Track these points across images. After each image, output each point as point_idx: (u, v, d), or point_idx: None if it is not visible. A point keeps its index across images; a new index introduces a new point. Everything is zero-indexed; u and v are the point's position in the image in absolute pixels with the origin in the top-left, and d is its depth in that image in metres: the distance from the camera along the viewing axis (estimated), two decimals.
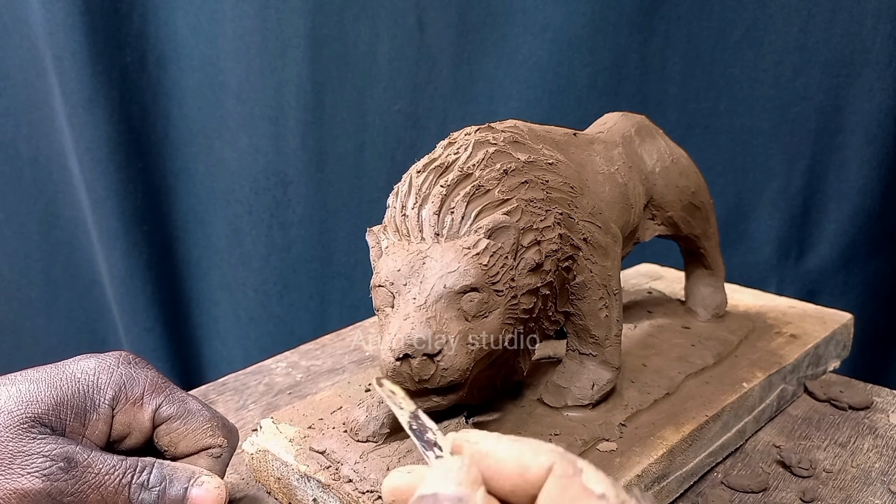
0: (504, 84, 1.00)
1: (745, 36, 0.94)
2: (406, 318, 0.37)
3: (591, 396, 0.48)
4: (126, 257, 1.08)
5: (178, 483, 0.36)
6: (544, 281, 0.41)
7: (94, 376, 0.36)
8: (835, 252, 0.99)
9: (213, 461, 0.39)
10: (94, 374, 0.36)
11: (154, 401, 0.37)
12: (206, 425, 0.38)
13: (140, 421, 0.37)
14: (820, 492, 0.48)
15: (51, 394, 0.35)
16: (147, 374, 0.38)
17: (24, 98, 1.07)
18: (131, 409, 0.37)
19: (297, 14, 0.99)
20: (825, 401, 0.60)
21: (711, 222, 0.61)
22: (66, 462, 0.33)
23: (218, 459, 0.39)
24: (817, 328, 0.64)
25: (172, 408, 0.38)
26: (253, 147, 1.06)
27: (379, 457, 0.43)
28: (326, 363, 0.67)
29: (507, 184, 0.41)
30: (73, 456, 0.33)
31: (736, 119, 0.98)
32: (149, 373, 0.38)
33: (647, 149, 0.57)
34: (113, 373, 0.37)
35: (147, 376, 0.38)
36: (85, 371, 0.37)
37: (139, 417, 0.37)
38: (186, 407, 0.38)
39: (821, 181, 0.98)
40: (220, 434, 0.39)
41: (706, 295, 0.64)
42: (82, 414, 0.35)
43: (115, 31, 1.00)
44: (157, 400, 0.37)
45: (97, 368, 0.37)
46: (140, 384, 0.37)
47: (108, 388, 0.36)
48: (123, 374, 0.37)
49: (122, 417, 0.37)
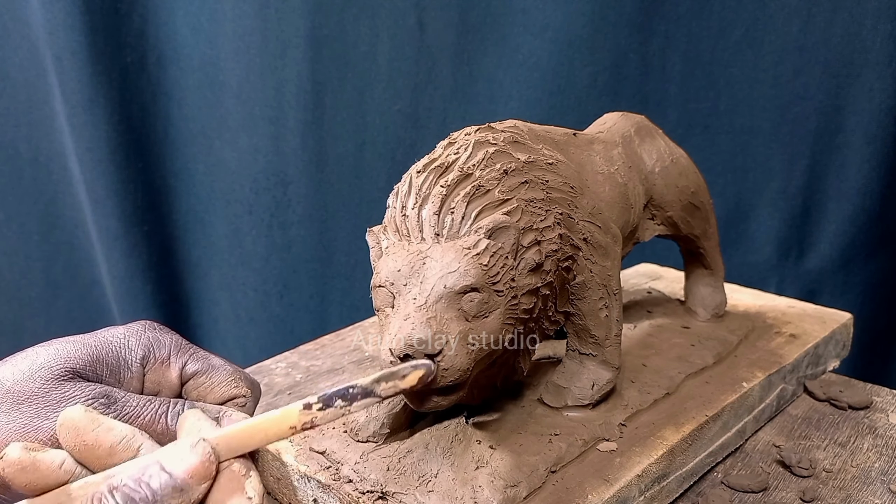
0: (504, 84, 1.00)
1: (744, 36, 0.94)
2: (406, 318, 0.36)
3: (591, 396, 0.48)
4: (126, 257, 1.08)
5: (209, 414, 0.38)
6: (544, 281, 0.41)
7: (125, 339, 0.39)
8: (835, 252, 0.99)
9: (239, 411, 0.42)
10: (123, 337, 0.39)
11: (180, 359, 0.40)
12: (230, 378, 0.41)
13: (169, 379, 0.39)
14: (820, 491, 0.48)
15: (87, 352, 0.37)
16: (171, 337, 0.41)
17: (24, 98, 1.07)
18: (160, 368, 0.39)
19: (297, 14, 0.99)
20: (825, 400, 0.60)
21: (711, 222, 0.61)
22: (106, 398, 0.35)
23: (243, 408, 0.42)
24: (817, 328, 0.64)
25: (197, 364, 0.40)
26: (253, 147, 1.06)
27: (379, 457, 0.43)
28: (326, 363, 0.67)
29: (508, 184, 0.41)
30: (112, 394, 0.36)
31: (736, 119, 0.98)
32: (173, 336, 0.41)
33: (646, 149, 0.57)
34: (141, 336, 0.39)
35: (171, 339, 0.40)
36: (115, 335, 0.39)
37: (168, 375, 0.39)
38: (210, 362, 0.41)
39: (821, 181, 0.97)
40: (244, 385, 0.41)
41: (706, 295, 0.64)
42: (116, 371, 0.38)
43: (115, 31, 1.00)
44: (183, 358, 0.40)
45: (126, 333, 0.39)
46: (166, 345, 0.40)
47: (139, 348, 0.39)
48: (150, 337, 0.40)
49: (151, 376, 0.39)
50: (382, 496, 0.40)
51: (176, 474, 0.34)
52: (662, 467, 0.45)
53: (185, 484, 0.34)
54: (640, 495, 0.44)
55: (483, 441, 0.43)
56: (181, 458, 0.34)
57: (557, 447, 0.43)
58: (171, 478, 0.34)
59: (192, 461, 0.34)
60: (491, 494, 0.39)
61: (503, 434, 0.45)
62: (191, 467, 0.34)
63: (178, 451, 0.35)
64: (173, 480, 0.34)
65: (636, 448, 0.45)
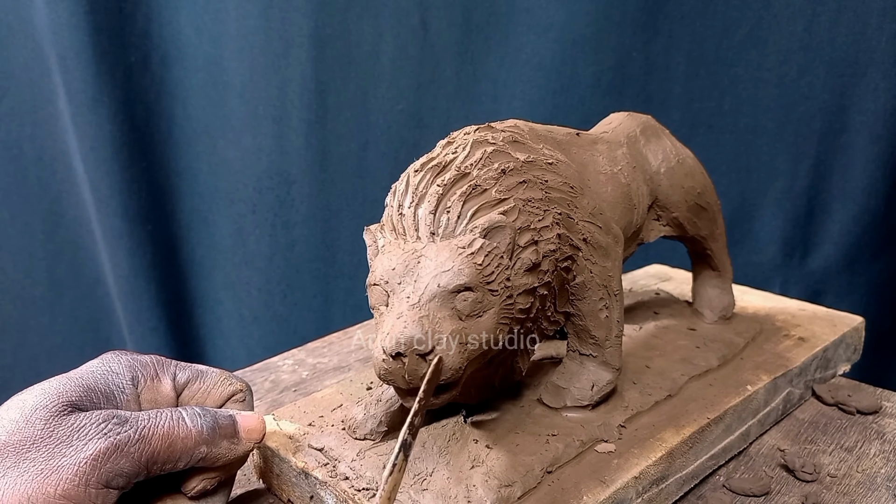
0: (507, 83, 1.00)
1: (749, 35, 0.94)
2: (399, 316, 0.36)
3: (590, 397, 0.47)
4: (130, 256, 1.08)
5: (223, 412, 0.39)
6: (542, 281, 0.41)
7: (106, 367, 0.38)
8: (839, 252, 0.98)
9: (241, 406, 0.42)
10: (104, 365, 0.38)
11: (168, 372, 0.39)
12: (222, 377, 0.41)
13: (164, 393, 0.39)
14: (823, 496, 0.47)
15: (78, 384, 0.36)
16: (149, 357, 0.40)
17: (29, 98, 1.07)
18: (153, 385, 0.38)
19: (300, 13, 0.99)
20: (833, 405, 0.59)
21: (718, 223, 0.61)
22: (117, 419, 0.34)
23: (244, 403, 0.42)
24: (826, 331, 0.63)
25: (186, 373, 0.40)
26: (256, 146, 1.06)
27: (375, 455, 0.43)
28: (333, 361, 0.67)
29: (505, 183, 0.40)
30: (119, 413, 0.35)
31: (740, 119, 0.98)
32: (149, 356, 0.40)
33: (652, 149, 0.56)
34: (121, 361, 0.39)
35: (150, 358, 0.40)
36: (95, 366, 0.38)
37: (162, 390, 0.39)
38: (197, 368, 0.41)
39: (825, 181, 0.97)
40: (237, 381, 0.42)
41: (713, 297, 0.63)
42: (111, 397, 0.36)
43: (119, 30, 1.00)
44: (170, 371, 0.40)
45: (104, 361, 0.38)
46: (149, 364, 0.39)
47: (125, 371, 0.38)
48: (130, 360, 0.39)
49: (147, 395, 0.38)
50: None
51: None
52: (661, 469, 0.45)
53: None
54: (638, 497, 0.43)
55: (480, 440, 0.43)
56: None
57: (554, 447, 0.43)
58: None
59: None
60: (485, 494, 0.39)
61: (500, 434, 0.44)
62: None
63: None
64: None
65: (635, 449, 0.45)
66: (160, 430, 0.35)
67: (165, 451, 0.35)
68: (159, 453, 0.35)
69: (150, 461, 0.35)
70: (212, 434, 0.37)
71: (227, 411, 0.39)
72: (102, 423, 0.34)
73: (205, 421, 0.37)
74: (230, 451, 0.39)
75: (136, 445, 0.34)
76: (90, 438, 0.33)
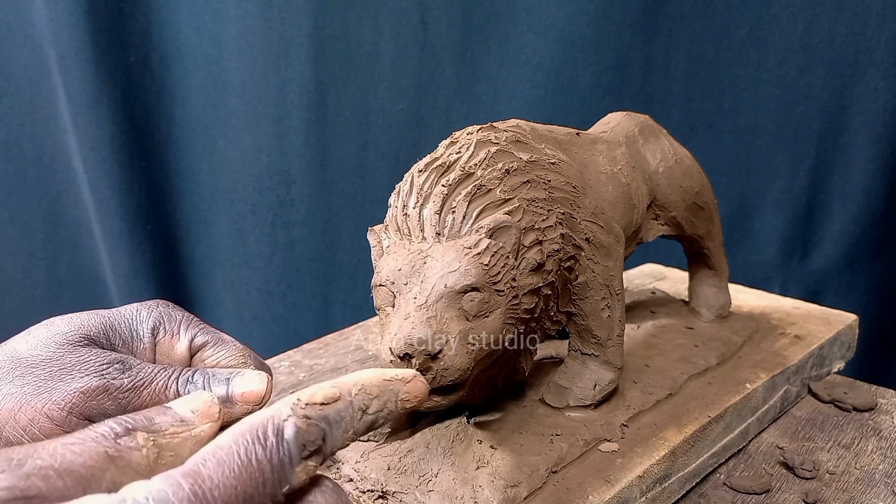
0: (507, 83, 1.00)
1: (749, 35, 0.94)
2: (406, 317, 0.36)
3: (592, 397, 0.47)
4: (129, 256, 1.08)
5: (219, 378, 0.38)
6: (546, 281, 0.41)
7: (137, 312, 0.40)
8: (839, 252, 0.98)
9: None
10: (136, 311, 0.40)
11: (190, 332, 0.40)
12: (240, 353, 0.40)
13: (178, 352, 0.40)
14: (823, 493, 0.47)
15: (101, 321, 0.38)
16: (183, 314, 0.41)
17: (28, 97, 1.07)
18: (170, 341, 0.40)
19: (300, 13, 0.99)
20: (829, 402, 0.59)
21: (715, 222, 0.61)
22: (121, 364, 0.36)
23: None
24: (822, 329, 0.63)
25: (206, 336, 0.40)
26: (256, 146, 1.06)
27: (380, 456, 0.43)
28: (329, 362, 0.67)
29: (509, 183, 0.40)
30: (126, 360, 0.36)
31: (740, 119, 0.98)
32: (185, 313, 0.41)
33: (650, 149, 0.57)
34: (152, 311, 0.40)
35: (183, 314, 0.41)
36: (128, 309, 0.40)
37: (177, 348, 0.40)
38: (220, 336, 0.41)
39: (825, 181, 0.97)
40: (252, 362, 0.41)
41: (710, 295, 0.64)
42: (129, 342, 0.38)
43: (118, 30, 1.00)
44: (193, 331, 0.40)
45: (138, 308, 0.40)
46: (176, 319, 0.40)
47: (149, 320, 0.39)
48: (162, 311, 0.40)
49: (161, 348, 0.39)
50: (383, 495, 0.40)
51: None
52: (664, 468, 0.45)
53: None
54: (642, 496, 0.43)
55: (484, 441, 0.43)
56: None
57: (558, 447, 0.43)
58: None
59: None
60: (491, 494, 0.39)
61: (504, 434, 0.44)
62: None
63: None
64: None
65: (638, 449, 0.45)
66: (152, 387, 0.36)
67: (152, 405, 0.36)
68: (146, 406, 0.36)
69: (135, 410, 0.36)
70: None
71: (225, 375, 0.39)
72: (105, 365, 0.36)
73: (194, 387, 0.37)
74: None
75: (125, 393, 0.36)
76: (87, 374, 0.35)
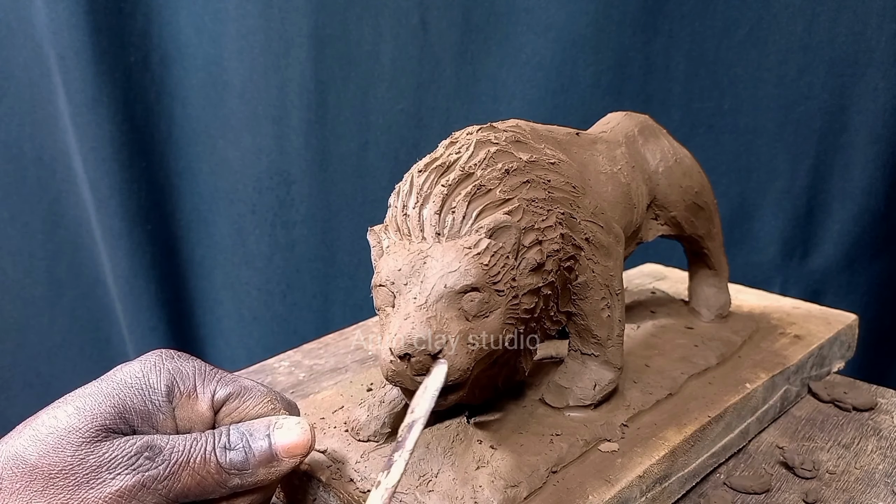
0: (507, 83, 1.00)
1: (749, 35, 0.94)
2: (406, 317, 0.36)
3: (592, 397, 0.47)
4: (129, 256, 1.08)
5: (258, 434, 0.35)
6: (546, 281, 0.41)
7: (144, 378, 0.35)
8: (839, 252, 0.98)
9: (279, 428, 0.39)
10: (142, 376, 0.35)
11: (208, 388, 0.36)
12: (266, 398, 0.37)
13: (199, 412, 0.36)
14: (823, 493, 0.47)
15: (111, 403, 0.33)
16: (193, 364, 0.37)
17: (28, 97, 1.07)
18: (188, 402, 0.36)
19: (300, 13, 0.99)
20: (829, 402, 0.59)
21: (715, 222, 0.61)
22: (149, 451, 0.33)
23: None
24: (822, 329, 0.63)
25: (227, 388, 0.37)
26: (256, 146, 1.06)
27: (380, 456, 0.43)
28: (329, 362, 0.67)
29: (509, 183, 0.40)
30: (154, 443, 0.33)
31: (740, 118, 0.98)
32: (193, 363, 0.37)
33: (650, 148, 0.57)
34: (161, 370, 0.36)
35: (194, 366, 0.37)
36: (133, 375, 0.35)
37: (197, 409, 0.36)
38: (241, 384, 0.37)
39: (825, 181, 0.97)
40: (280, 405, 0.38)
41: (710, 295, 0.64)
42: (147, 417, 0.34)
43: (118, 30, 1.00)
44: (211, 386, 0.36)
45: (143, 370, 0.36)
46: (189, 375, 0.36)
47: (162, 385, 0.35)
48: (171, 368, 0.36)
49: (181, 412, 0.36)
50: None
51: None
52: (664, 468, 0.45)
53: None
54: (642, 496, 0.43)
55: (484, 441, 0.43)
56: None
57: (559, 447, 0.43)
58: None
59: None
60: (491, 494, 0.39)
61: (504, 434, 0.44)
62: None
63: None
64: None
65: (638, 449, 0.45)
66: (191, 466, 0.33)
67: (195, 487, 0.34)
68: (189, 489, 0.34)
69: (179, 496, 0.34)
70: (243, 465, 0.35)
71: (264, 430, 0.36)
72: (133, 457, 0.32)
73: (236, 454, 0.35)
74: (270, 475, 0.36)
75: (164, 482, 0.33)
76: (118, 473, 0.32)
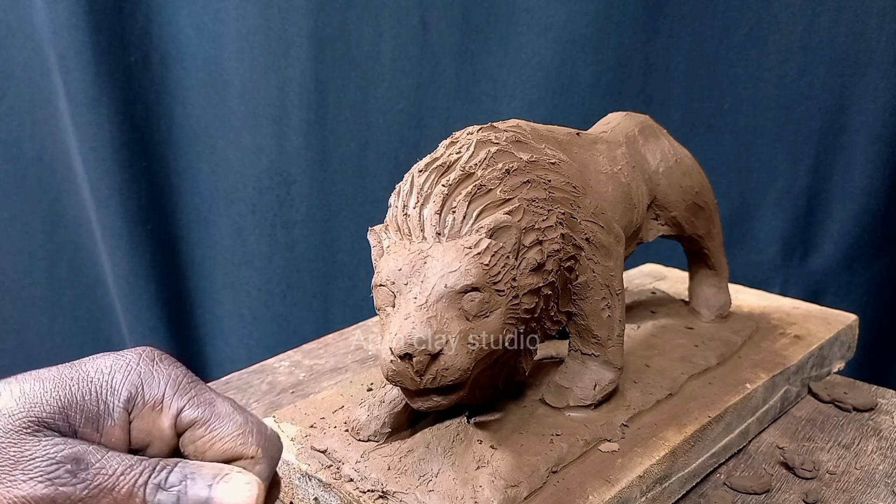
0: (507, 83, 1.00)
1: (749, 35, 0.94)
2: (407, 317, 0.36)
3: (593, 397, 0.47)
4: (129, 256, 1.08)
5: (201, 481, 0.31)
6: (546, 281, 0.41)
7: (109, 376, 0.32)
8: (839, 252, 0.98)
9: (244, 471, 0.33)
10: (109, 373, 0.32)
11: (176, 404, 0.32)
12: (237, 432, 0.33)
13: (160, 428, 0.32)
14: (823, 493, 0.47)
15: (58, 395, 0.30)
16: (170, 373, 0.33)
17: (28, 97, 1.07)
18: (150, 414, 0.32)
19: (300, 13, 0.99)
20: (829, 402, 0.59)
21: (715, 222, 0.61)
22: (73, 464, 0.29)
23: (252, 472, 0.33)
24: (822, 329, 0.63)
25: (197, 411, 0.32)
26: (256, 146, 1.06)
27: (380, 456, 0.43)
28: (329, 362, 0.67)
29: (509, 183, 0.40)
30: (83, 456, 0.29)
31: (740, 118, 0.98)
32: (173, 371, 0.33)
33: (650, 149, 0.57)
34: (130, 372, 0.32)
35: (170, 375, 0.33)
36: (99, 370, 0.32)
37: (159, 424, 0.32)
38: (214, 410, 0.33)
39: (825, 181, 0.97)
40: (254, 443, 0.33)
41: (710, 295, 0.63)
42: (94, 419, 0.31)
43: (118, 30, 1.00)
44: (180, 403, 0.32)
45: (113, 367, 0.32)
46: (160, 385, 0.32)
47: (123, 388, 0.31)
48: (142, 372, 0.32)
49: (139, 424, 0.32)
50: (383, 495, 0.40)
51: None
52: (664, 468, 0.45)
53: None
54: (642, 496, 0.43)
55: (484, 441, 0.43)
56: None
57: (559, 447, 0.43)
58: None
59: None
60: (491, 494, 0.39)
61: (504, 434, 0.44)
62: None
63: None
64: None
65: (638, 449, 0.45)
66: (113, 495, 0.29)
67: None
68: None
69: None
70: None
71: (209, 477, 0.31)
72: (55, 465, 0.29)
73: (167, 496, 0.30)
74: None
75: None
76: (32, 477, 0.28)
